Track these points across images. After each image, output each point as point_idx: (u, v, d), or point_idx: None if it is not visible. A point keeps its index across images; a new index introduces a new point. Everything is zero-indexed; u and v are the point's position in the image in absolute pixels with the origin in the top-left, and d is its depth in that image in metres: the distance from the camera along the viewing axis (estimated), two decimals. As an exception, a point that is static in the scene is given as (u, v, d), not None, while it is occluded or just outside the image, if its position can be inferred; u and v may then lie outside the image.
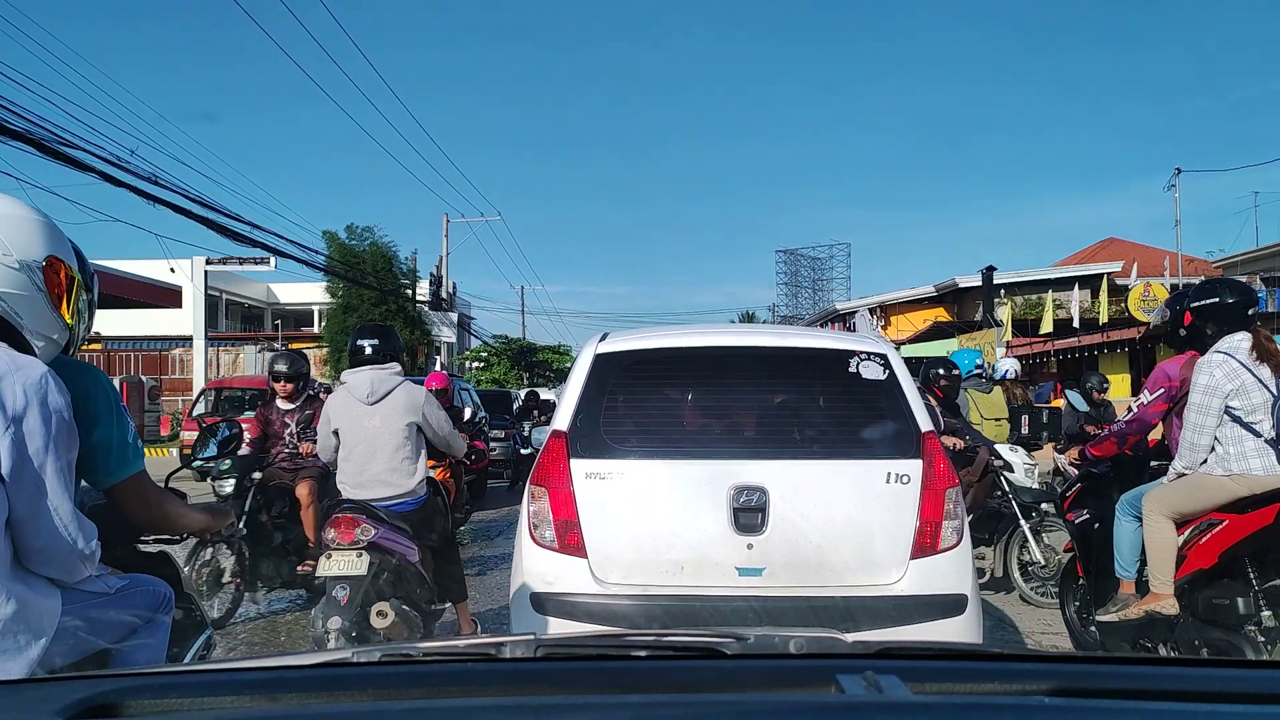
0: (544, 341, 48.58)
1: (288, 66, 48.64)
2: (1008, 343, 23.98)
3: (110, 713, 1.07)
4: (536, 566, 3.48)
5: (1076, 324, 25.32)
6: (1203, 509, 4.10)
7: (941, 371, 7.74)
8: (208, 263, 21.14)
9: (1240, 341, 4.05)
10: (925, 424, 3.62)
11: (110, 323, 32.12)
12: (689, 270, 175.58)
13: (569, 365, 4.90)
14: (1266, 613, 3.88)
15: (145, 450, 2.90)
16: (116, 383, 11.19)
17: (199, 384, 21.11)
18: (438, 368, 35.91)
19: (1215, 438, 4.04)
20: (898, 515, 3.45)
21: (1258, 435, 3.97)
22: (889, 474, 3.49)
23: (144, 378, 26.63)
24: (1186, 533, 4.16)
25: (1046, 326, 25.02)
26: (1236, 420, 4.00)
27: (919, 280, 34.09)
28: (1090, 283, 28.34)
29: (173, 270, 18.23)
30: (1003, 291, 28.24)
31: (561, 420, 3.65)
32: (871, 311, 33.59)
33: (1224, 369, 4.01)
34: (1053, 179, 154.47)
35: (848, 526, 3.45)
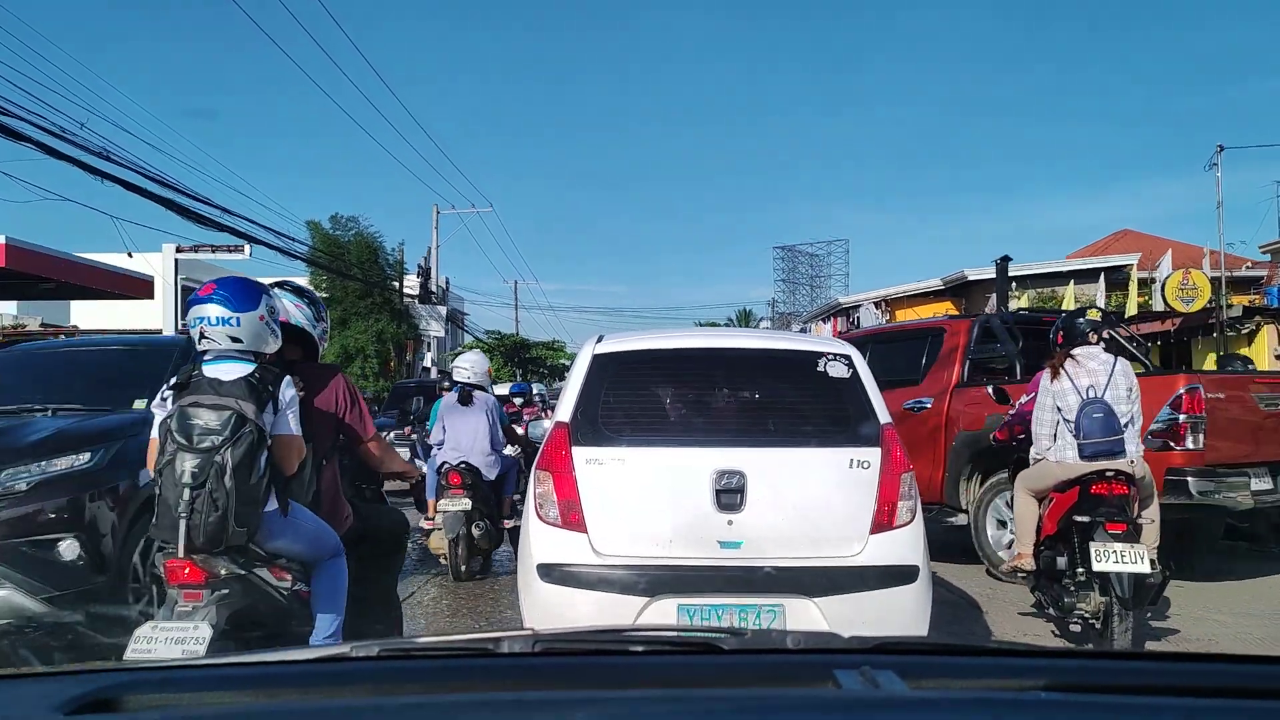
0: (538, 338, 48.13)
1: (268, 49, 48.14)
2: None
3: (110, 708, 1.06)
4: (542, 541, 3.92)
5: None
6: (1046, 488, 5.32)
7: None
8: (178, 250, 20.54)
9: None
10: (884, 417, 4.10)
11: (82, 315, 31.74)
12: (686, 268, 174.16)
13: (563, 362, 5.53)
14: (1079, 569, 4.99)
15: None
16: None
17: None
18: (427, 363, 35.68)
19: (1055, 432, 5.18)
20: (859, 496, 3.90)
21: (1071, 432, 5.09)
22: (852, 460, 3.95)
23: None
24: (1043, 506, 5.35)
25: (1070, 320, 24.52)
26: (1062, 418, 5.15)
27: (917, 277, 33.59)
28: (1108, 275, 27.92)
29: (130, 255, 17.53)
30: (1014, 284, 27.74)
31: (564, 413, 4.12)
32: (876, 305, 33.06)
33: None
34: (1055, 175, 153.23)
35: (815, 505, 3.91)
